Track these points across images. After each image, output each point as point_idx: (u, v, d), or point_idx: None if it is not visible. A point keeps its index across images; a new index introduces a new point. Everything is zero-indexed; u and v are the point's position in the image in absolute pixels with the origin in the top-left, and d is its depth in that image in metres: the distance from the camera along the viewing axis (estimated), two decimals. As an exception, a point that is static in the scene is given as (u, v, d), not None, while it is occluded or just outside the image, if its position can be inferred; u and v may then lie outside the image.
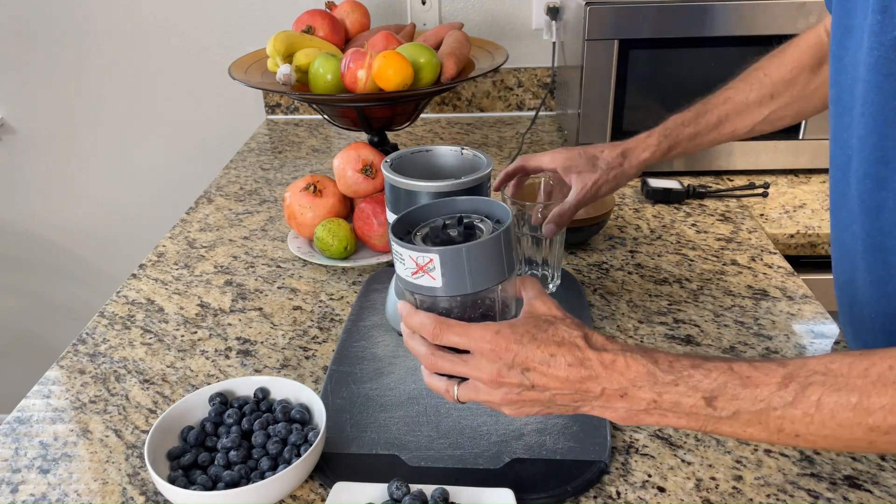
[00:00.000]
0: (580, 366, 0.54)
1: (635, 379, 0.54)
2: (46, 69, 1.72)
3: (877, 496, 0.65)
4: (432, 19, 1.64)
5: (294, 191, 1.11)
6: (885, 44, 0.58)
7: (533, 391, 0.56)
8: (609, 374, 0.54)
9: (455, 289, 0.58)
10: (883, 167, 0.62)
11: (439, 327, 0.57)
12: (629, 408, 0.54)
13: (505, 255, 0.59)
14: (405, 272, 0.58)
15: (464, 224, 0.61)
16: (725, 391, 0.52)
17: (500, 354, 0.55)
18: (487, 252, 0.57)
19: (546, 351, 0.55)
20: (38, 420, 0.80)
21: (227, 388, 0.76)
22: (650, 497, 0.66)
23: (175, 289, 1.04)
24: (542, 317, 0.58)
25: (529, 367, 0.55)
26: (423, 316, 0.58)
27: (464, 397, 0.59)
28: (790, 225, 1.16)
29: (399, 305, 0.60)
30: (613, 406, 0.55)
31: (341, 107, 1.11)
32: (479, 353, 0.56)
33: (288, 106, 1.76)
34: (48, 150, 1.82)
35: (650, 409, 0.54)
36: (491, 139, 1.57)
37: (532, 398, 0.56)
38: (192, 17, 1.66)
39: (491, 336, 0.55)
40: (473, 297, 0.59)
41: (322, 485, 0.69)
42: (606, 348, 0.55)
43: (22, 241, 1.93)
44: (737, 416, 0.52)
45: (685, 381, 0.53)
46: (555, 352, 0.55)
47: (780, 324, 0.90)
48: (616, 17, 1.20)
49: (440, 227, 0.62)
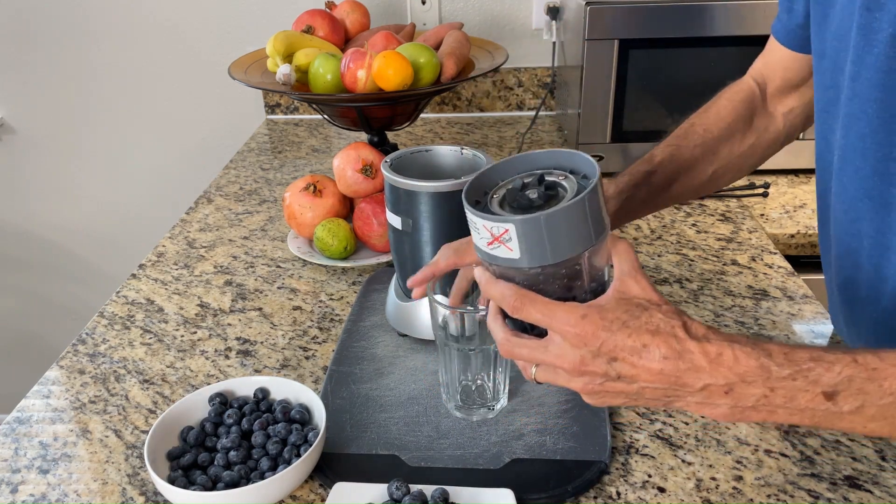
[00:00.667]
0: (678, 358, 0.49)
1: (745, 374, 0.49)
2: (46, 69, 1.72)
3: (877, 496, 0.65)
4: (432, 19, 1.64)
5: (294, 191, 1.11)
6: (883, 41, 0.58)
7: (619, 382, 0.51)
8: (714, 368, 0.49)
9: (536, 260, 0.52)
10: (892, 163, 0.62)
11: (520, 300, 0.52)
12: (734, 405, 0.50)
13: (591, 220, 0.52)
14: (480, 242, 0.54)
15: (545, 183, 0.54)
16: (851, 386, 0.48)
17: (585, 340, 0.50)
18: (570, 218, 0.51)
19: (638, 340, 0.50)
20: (38, 420, 0.80)
21: (226, 388, 0.76)
22: (650, 497, 0.66)
23: (175, 289, 1.04)
24: (634, 300, 0.52)
25: (617, 357, 0.50)
26: (503, 286, 0.53)
27: (542, 379, 0.55)
28: (790, 225, 1.16)
29: (477, 273, 0.56)
30: (715, 402, 0.50)
31: (341, 107, 1.11)
32: (563, 337, 0.51)
33: (288, 106, 1.76)
34: (48, 150, 1.82)
35: (758, 406, 0.50)
36: (491, 139, 1.57)
37: (617, 389, 0.52)
38: (192, 18, 1.66)
39: (576, 320, 0.50)
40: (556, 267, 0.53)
41: (322, 485, 0.69)
42: (710, 339, 0.50)
43: (22, 241, 1.93)
44: (860, 411, 0.49)
45: (804, 376, 0.49)
46: (648, 342, 0.49)
47: (780, 324, 0.90)
48: (616, 17, 1.20)
49: (518, 189, 0.55)
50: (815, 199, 0.78)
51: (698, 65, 1.24)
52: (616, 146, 1.30)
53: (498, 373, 0.73)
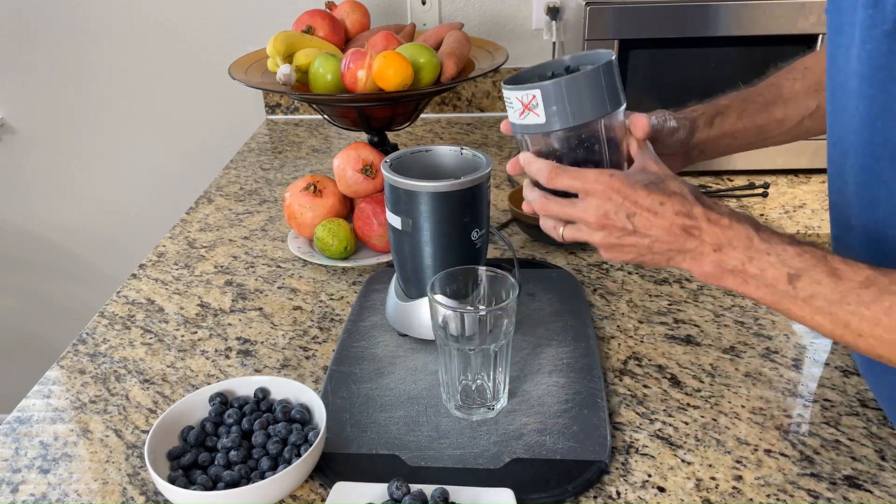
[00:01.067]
0: (686, 216, 0.58)
1: (733, 238, 0.57)
2: (46, 69, 1.72)
3: (877, 496, 0.66)
4: (432, 19, 1.64)
5: (294, 191, 1.11)
6: (877, 37, 0.59)
7: (634, 236, 0.59)
8: (711, 227, 0.58)
9: (559, 122, 0.62)
10: (874, 161, 0.63)
11: (554, 171, 0.61)
12: (718, 262, 0.58)
13: (607, 90, 0.62)
14: (515, 116, 0.64)
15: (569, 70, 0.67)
16: (811, 274, 0.55)
17: (609, 196, 0.59)
18: (587, 85, 0.61)
19: (656, 199, 0.58)
20: (39, 420, 0.80)
21: (227, 388, 0.76)
22: (650, 497, 0.66)
23: (175, 289, 1.04)
24: (655, 173, 0.62)
25: (636, 212, 0.58)
26: (541, 163, 0.62)
27: (568, 236, 0.63)
28: (790, 225, 1.16)
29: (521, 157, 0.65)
30: (704, 258, 0.58)
31: (341, 107, 1.11)
32: (591, 195, 0.60)
33: (288, 106, 1.76)
34: (48, 150, 1.82)
35: (736, 271, 0.57)
36: (491, 139, 1.57)
37: (631, 243, 0.60)
38: (192, 18, 1.66)
39: (605, 178, 0.59)
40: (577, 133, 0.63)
41: (322, 485, 0.69)
42: (713, 206, 0.59)
43: (22, 241, 1.93)
44: (811, 300, 0.55)
45: (777, 253, 0.56)
46: (664, 200, 0.58)
47: (780, 324, 0.90)
48: (616, 17, 1.20)
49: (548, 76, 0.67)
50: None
51: (699, 65, 1.24)
52: (616, 146, 1.30)
53: (498, 373, 0.73)
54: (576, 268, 1.05)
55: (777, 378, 0.81)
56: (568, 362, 0.82)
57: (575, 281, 0.99)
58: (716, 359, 0.84)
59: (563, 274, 1.01)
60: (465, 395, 0.74)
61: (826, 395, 0.78)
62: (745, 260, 0.57)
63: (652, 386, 0.80)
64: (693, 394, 0.79)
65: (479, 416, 0.74)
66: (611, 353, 0.86)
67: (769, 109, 0.81)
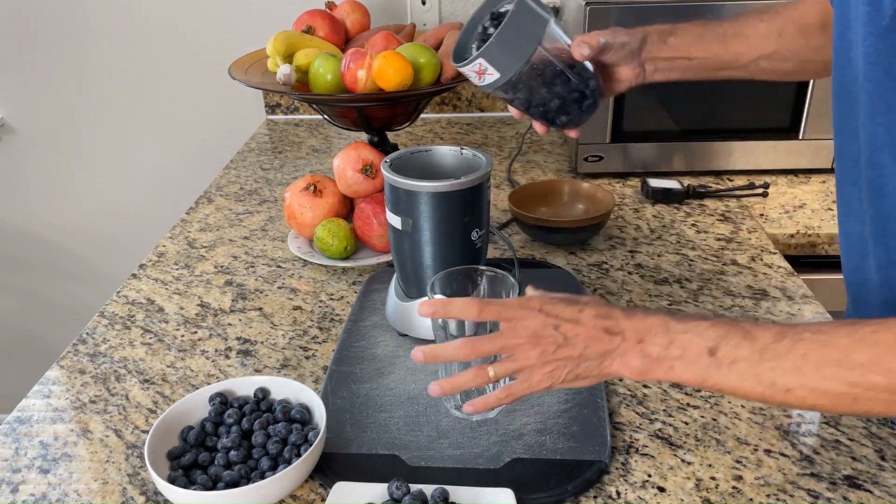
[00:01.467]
0: (606, 317, 0.61)
1: (651, 327, 0.60)
2: (46, 69, 1.72)
3: (877, 496, 0.66)
4: (432, 19, 1.64)
5: (294, 191, 1.11)
6: (875, 34, 0.59)
7: (566, 347, 0.61)
8: (629, 322, 0.60)
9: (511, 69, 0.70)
10: (879, 154, 0.64)
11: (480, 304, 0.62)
12: (643, 353, 0.59)
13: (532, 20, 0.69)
14: (477, 81, 0.72)
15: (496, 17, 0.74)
16: (728, 340, 0.57)
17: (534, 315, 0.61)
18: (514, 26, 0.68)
19: (575, 309, 0.62)
20: (39, 420, 0.80)
21: (227, 388, 0.76)
22: (650, 497, 0.66)
23: (175, 289, 1.04)
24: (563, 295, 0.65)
25: (560, 323, 0.61)
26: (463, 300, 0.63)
27: (500, 370, 0.63)
28: (790, 225, 1.16)
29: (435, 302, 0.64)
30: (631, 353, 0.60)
31: (341, 107, 1.11)
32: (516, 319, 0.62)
33: (288, 106, 1.76)
34: (48, 150, 1.82)
35: (661, 358, 0.59)
36: (491, 139, 1.57)
37: (565, 355, 0.61)
38: (192, 18, 1.66)
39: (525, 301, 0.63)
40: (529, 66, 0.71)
41: (322, 485, 0.69)
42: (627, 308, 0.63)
43: (22, 241, 1.93)
44: (734, 367, 0.56)
45: (693, 330, 0.58)
46: (582, 308, 0.62)
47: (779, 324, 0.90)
48: (616, 17, 1.20)
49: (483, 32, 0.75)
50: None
51: (698, 65, 1.24)
52: (616, 146, 1.30)
53: None
54: (576, 268, 1.05)
55: (777, 378, 0.81)
56: (568, 362, 0.82)
57: (575, 281, 0.99)
58: (716, 359, 0.84)
59: (563, 274, 1.01)
60: (465, 395, 0.74)
61: (826, 395, 0.78)
62: (667, 344, 0.59)
63: (652, 386, 0.80)
64: (693, 394, 0.79)
65: (479, 416, 0.74)
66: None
67: (727, 42, 0.82)
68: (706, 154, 1.31)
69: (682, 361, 0.58)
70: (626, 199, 1.26)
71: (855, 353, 0.52)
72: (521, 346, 0.61)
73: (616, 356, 0.60)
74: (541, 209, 1.15)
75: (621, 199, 1.26)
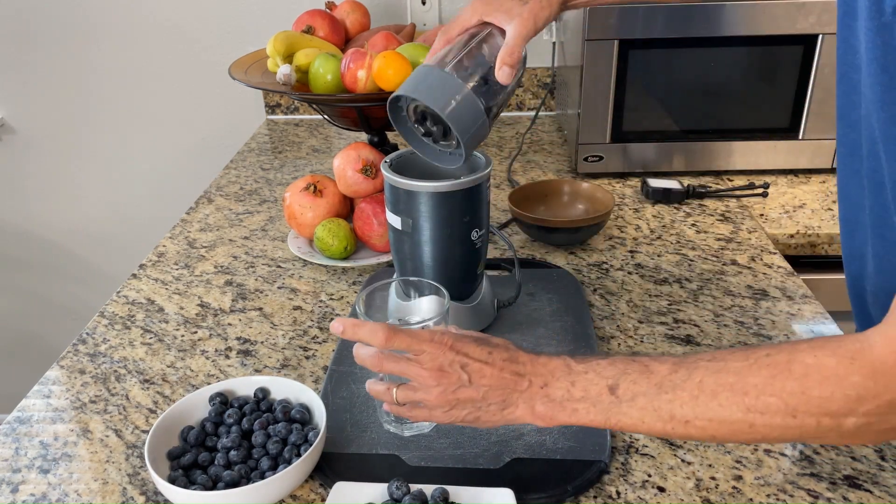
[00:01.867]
0: (513, 361, 0.61)
1: (554, 370, 0.60)
2: (46, 69, 1.72)
3: (877, 496, 0.66)
4: (432, 19, 1.64)
5: (294, 191, 1.11)
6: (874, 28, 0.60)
7: (469, 388, 0.60)
8: (534, 367, 0.61)
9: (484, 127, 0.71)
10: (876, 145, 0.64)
11: (390, 333, 0.61)
12: (547, 397, 0.59)
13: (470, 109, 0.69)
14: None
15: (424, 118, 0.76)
16: (627, 377, 0.57)
17: (443, 351, 0.61)
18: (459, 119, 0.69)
19: (485, 349, 0.61)
20: (39, 420, 0.80)
21: (227, 388, 0.76)
22: (650, 497, 0.66)
23: (175, 289, 1.04)
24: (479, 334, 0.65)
25: (468, 362, 0.61)
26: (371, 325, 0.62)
27: (401, 397, 0.63)
28: (790, 225, 1.16)
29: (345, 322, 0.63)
30: (535, 398, 0.60)
31: (341, 107, 1.11)
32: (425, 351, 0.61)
33: (288, 106, 1.76)
34: (48, 150, 1.82)
35: (564, 401, 0.59)
36: (491, 139, 1.57)
37: (467, 396, 0.61)
38: (192, 18, 1.66)
39: (438, 336, 0.62)
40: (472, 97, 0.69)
41: (322, 485, 0.69)
42: (532, 352, 0.63)
43: (22, 241, 1.93)
44: (634, 402, 0.56)
45: (593, 369, 0.59)
46: (492, 350, 0.61)
47: (779, 324, 0.90)
48: (616, 17, 1.20)
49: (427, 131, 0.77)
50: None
51: (698, 65, 1.24)
52: (616, 146, 1.30)
53: None
54: (575, 268, 1.05)
55: (777, 378, 0.81)
56: (568, 362, 0.82)
57: (575, 281, 0.99)
58: (716, 359, 0.84)
59: (564, 274, 1.01)
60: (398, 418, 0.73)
61: (826, 395, 0.78)
62: (569, 385, 0.59)
63: (652, 386, 0.80)
64: (693, 394, 0.79)
65: (410, 432, 0.73)
66: (611, 353, 0.86)
67: None
68: (706, 154, 1.31)
69: (585, 402, 0.58)
70: (626, 199, 1.26)
71: (749, 376, 0.52)
72: (424, 378, 0.61)
73: (520, 401, 0.60)
74: (540, 209, 1.15)
75: (621, 199, 1.26)
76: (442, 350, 0.61)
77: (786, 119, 1.27)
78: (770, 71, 1.24)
